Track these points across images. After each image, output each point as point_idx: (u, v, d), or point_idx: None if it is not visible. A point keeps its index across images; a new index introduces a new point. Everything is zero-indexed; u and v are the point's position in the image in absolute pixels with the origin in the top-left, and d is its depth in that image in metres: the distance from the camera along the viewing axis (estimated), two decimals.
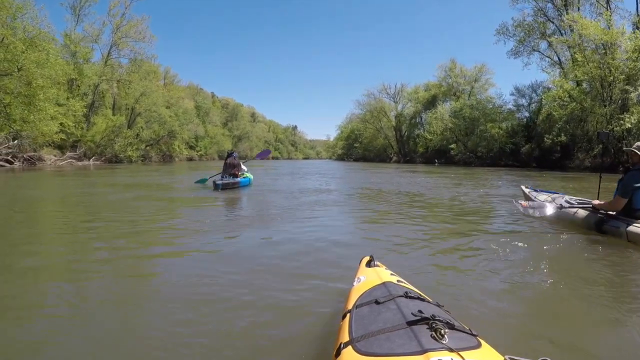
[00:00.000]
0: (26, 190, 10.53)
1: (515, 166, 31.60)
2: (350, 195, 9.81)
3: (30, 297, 2.65)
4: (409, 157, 52.61)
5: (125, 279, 3.07)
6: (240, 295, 2.59)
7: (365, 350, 1.22)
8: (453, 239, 4.32)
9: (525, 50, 33.56)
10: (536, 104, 38.16)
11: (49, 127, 22.84)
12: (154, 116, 39.21)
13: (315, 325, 2.18)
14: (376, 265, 2.07)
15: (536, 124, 36.41)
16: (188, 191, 9.84)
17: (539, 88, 38.20)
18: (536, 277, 2.99)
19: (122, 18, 32.79)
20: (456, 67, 48.33)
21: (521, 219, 5.59)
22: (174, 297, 2.60)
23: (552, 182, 13.90)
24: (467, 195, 9.30)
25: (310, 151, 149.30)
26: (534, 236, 4.55)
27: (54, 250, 4.04)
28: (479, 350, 1.18)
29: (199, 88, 78.34)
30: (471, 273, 3.08)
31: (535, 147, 33.66)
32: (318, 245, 4.07)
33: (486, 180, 15.08)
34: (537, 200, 5.41)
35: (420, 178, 16.62)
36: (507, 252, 3.68)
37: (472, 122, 38.17)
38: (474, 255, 3.66)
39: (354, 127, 70.66)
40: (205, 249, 3.96)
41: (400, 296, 1.53)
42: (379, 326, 1.32)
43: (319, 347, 1.91)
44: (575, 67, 25.05)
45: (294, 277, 3.00)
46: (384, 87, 60.06)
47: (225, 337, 2.07)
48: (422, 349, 1.12)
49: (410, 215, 6.25)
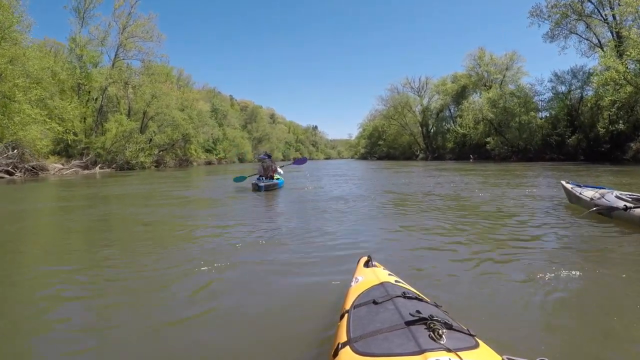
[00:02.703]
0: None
1: (560, 160, 29.09)
2: (369, 198, 8.58)
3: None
4: (437, 153, 49.70)
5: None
6: (237, 296, 2.67)
7: (363, 350, 1.22)
8: (455, 239, 4.22)
9: (562, 34, 31.38)
10: (578, 90, 34.88)
11: (28, 132, 20.09)
12: (167, 119, 37.58)
13: (312, 325, 2.17)
14: (374, 265, 2.07)
15: (579, 112, 33.16)
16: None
17: (580, 73, 34.97)
18: (537, 277, 2.88)
19: (128, 18, 31.29)
20: (485, 56, 45.26)
21: (535, 219, 5.29)
22: (171, 298, 2.67)
23: (603, 177, 12.38)
24: (510, 198, 7.79)
25: (331, 151, 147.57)
26: (536, 237, 4.34)
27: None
28: (477, 351, 1.18)
29: (217, 91, 77.44)
30: (470, 274, 3.05)
31: (582, 138, 30.20)
32: (320, 245, 4.06)
33: (534, 178, 13.22)
34: (583, 197, 5.25)
35: (456, 177, 14.44)
36: (508, 252, 3.62)
37: (510, 112, 34.70)
38: (474, 256, 3.53)
39: (377, 124, 67.46)
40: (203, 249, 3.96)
41: (398, 296, 1.53)
42: (377, 326, 1.33)
43: (317, 348, 1.91)
44: (634, 45, 21.70)
45: (293, 277, 3.03)
46: (408, 81, 57.30)
47: (223, 337, 2.09)
48: (420, 349, 1.12)
49: (422, 215, 6.12)
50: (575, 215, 5.20)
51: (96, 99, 31.34)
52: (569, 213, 5.57)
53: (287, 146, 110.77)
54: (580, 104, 33.69)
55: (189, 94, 47.60)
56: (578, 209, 5.58)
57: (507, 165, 24.66)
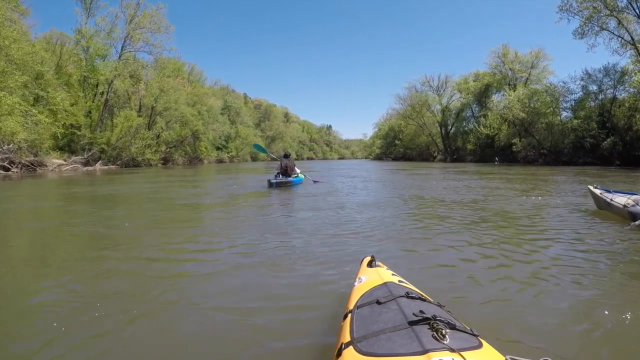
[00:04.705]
0: None
1: (594, 164, 26.73)
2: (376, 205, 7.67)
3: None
4: (456, 155, 47.35)
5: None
6: (240, 297, 2.61)
7: (366, 350, 1.22)
8: (460, 239, 4.12)
9: (592, 30, 29.31)
10: (610, 90, 32.40)
11: (3, 124, 17.88)
12: (175, 115, 36.30)
13: (316, 325, 2.16)
14: (377, 265, 2.06)
15: (611, 113, 30.73)
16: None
17: (612, 72, 32.45)
18: (541, 278, 2.85)
19: (136, 8, 30.07)
20: (509, 53, 42.88)
21: (548, 221, 5.20)
22: (171, 297, 2.60)
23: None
24: (529, 202, 7.44)
25: (345, 151, 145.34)
26: (545, 239, 4.20)
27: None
28: (480, 351, 1.17)
29: (230, 89, 76.38)
30: (474, 274, 2.98)
31: (617, 141, 27.81)
32: (323, 245, 3.98)
33: (567, 184, 11.99)
34: (615, 203, 5.14)
35: (478, 180, 12.76)
36: (514, 253, 3.56)
37: (538, 112, 32.34)
38: (478, 256, 3.48)
39: (394, 124, 65.20)
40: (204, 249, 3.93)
41: (401, 296, 1.53)
42: (380, 326, 1.32)
43: (320, 348, 1.89)
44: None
45: (296, 277, 3.00)
46: (427, 79, 54.93)
47: (226, 337, 2.08)
48: (424, 349, 1.11)
49: (427, 215, 6.09)
50: (602, 221, 5.14)
51: (102, 93, 30.23)
52: (592, 218, 5.48)
53: (300, 145, 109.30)
54: (612, 104, 31.42)
55: (200, 90, 46.34)
56: (607, 215, 5.48)
57: (537, 169, 22.76)
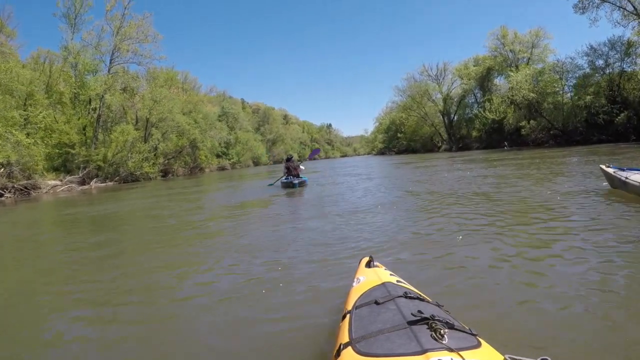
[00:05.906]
0: None
1: (608, 141, 25.62)
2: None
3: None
4: (462, 143, 46.13)
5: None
6: (240, 298, 2.68)
7: (365, 350, 1.21)
8: (459, 239, 3.96)
9: (593, 3, 28.39)
10: (617, 63, 31.12)
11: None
12: (171, 125, 35.45)
13: (314, 326, 2.18)
14: (375, 265, 2.06)
15: (620, 87, 29.50)
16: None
17: (618, 44, 31.20)
18: (540, 276, 2.76)
19: (122, 19, 29.19)
20: (509, 34, 41.83)
21: (555, 210, 4.93)
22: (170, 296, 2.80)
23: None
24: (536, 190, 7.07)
25: (347, 148, 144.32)
26: (541, 237, 3.93)
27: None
28: (479, 350, 1.17)
29: (227, 95, 75.53)
30: (472, 273, 2.94)
31: (632, 116, 26.63)
32: (322, 246, 4.00)
33: (579, 165, 11.43)
34: (631, 181, 4.95)
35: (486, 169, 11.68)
36: (509, 250, 3.44)
37: (545, 91, 31.13)
38: (476, 256, 3.37)
39: (394, 117, 63.90)
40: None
41: (399, 296, 1.52)
42: (379, 327, 1.32)
43: (319, 348, 1.90)
44: None
45: (295, 277, 3.03)
46: (425, 69, 53.75)
47: (226, 338, 2.12)
48: (422, 349, 1.11)
49: (414, 210, 6.11)
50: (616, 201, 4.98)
51: (94, 109, 29.43)
52: (606, 200, 5.27)
53: (302, 146, 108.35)
54: (621, 77, 30.18)
55: (194, 97, 45.42)
56: (623, 194, 5.28)
57: (549, 151, 21.72)
